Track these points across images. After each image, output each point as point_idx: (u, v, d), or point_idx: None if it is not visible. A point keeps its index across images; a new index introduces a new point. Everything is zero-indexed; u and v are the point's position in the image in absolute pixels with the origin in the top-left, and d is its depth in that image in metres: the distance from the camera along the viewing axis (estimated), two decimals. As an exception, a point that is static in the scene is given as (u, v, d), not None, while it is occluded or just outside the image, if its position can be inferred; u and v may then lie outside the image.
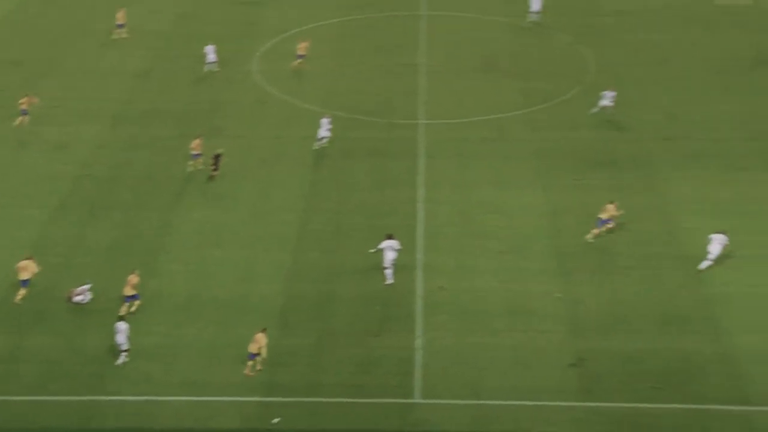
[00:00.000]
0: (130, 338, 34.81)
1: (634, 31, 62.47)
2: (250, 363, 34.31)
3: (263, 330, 34.78)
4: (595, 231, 41.21)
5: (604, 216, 41.24)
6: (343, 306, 37.86)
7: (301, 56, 57.01)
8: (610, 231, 41.33)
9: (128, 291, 37.13)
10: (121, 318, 35.31)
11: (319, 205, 44.10)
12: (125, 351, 34.74)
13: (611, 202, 41.63)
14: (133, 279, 37.28)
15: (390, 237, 39.20)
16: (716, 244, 39.25)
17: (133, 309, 36.93)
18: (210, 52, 56.28)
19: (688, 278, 38.96)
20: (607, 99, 50.75)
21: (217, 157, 45.75)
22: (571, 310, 37.45)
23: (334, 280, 39.29)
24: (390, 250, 38.84)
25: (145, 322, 36.65)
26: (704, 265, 39.14)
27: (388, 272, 38.92)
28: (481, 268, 39.89)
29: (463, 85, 55.68)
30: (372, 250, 38.99)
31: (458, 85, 55.66)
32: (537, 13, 63.43)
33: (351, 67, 57.68)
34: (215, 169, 45.57)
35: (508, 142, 49.39)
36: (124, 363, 34.65)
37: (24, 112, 50.19)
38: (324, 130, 48.05)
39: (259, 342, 34.37)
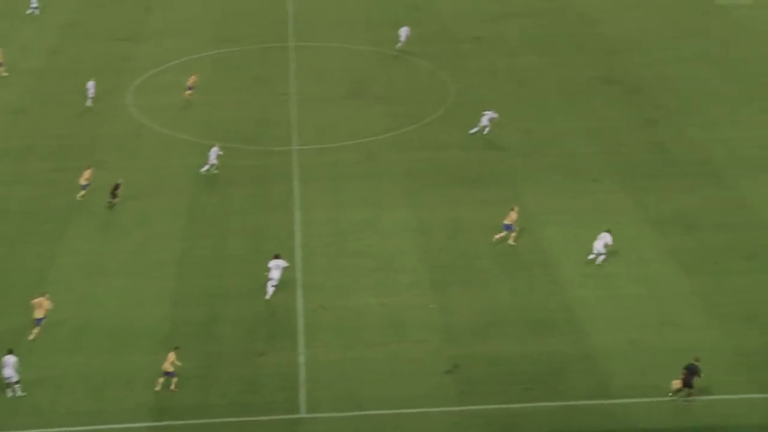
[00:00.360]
0: (18, 370, 34.02)
1: (490, 56, 64.27)
2: (162, 380, 34.13)
3: (176, 348, 34.56)
4: (501, 235, 42.49)
5: (507, 221, 42.57)
6: (228, 328, 37.85)
7: (191, 88, 56.90)
8: (503, 239, 42.55)
9: (38, 314, 36.42)
10: (10, 351, 34.48)
11: (200, 231, 43.97)
12: (16, 383, 33.93)
13: (513, 209, 42.95)
14: (44, 303, 36.57)
15: (277, 257, 39.55)
16: (600, 241, 41.08)
17: (34, 332, 36.28)
18: (91, 88, 55.76)
19: (552, 285, 40.33)
20: (486, 118, 51.88)
21: (116, 186, 45.44)
22: (444, 320, 38.31)
23: (218, 303, 39.24)
24: (276, 268, 39.11)
25: (34, 353, 35.87)
26: (591, 257, 41.20)
27: (270, 289, 39.13)
28: (357, 285, 40.45)
29: (334, 111, 56.34)
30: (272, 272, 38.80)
31: (329, 111, 56.28)
32: (403, 42, 64.69)
33: (225, 98, 57.66)
34: (115, 197, 45.15)
35: (379, 163, 50.20)
36: (17, 396, 33.81)
37: None
38: (213, 157, 48.17)
39: (171, 360, 34.20)
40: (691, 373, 33.89)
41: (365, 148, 51.91)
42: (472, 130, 52.17)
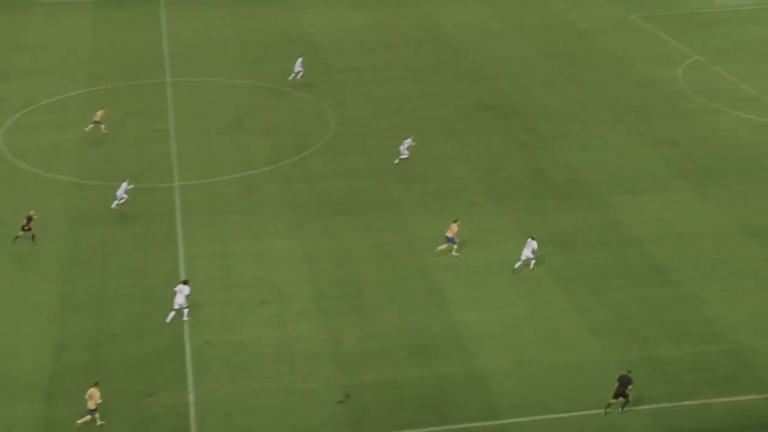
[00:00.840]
0: None
1: (368, 86, 64.80)
2: (88, 417, 33.29)
3: (95, 384, 33.66)
4: (443, 247, 43.52)
5: (449, 234, 43.49)
6: (114, 370, 36.80)
7: (96, 122, 55.38)
8: (446, 251, 43.58)
9: None
10: None
11: (82, 272, 42.76)
12: None
13: (455, 221, 43.93)
14: None
15: (185, 282, 39.48)
16: (528, 248, 42.52)
17: None
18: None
19: (437, 308, 40.64)
20: (404, 147, 52.38)
21: (29, 219, 44.38)
22: (334, 349, 38.14)
23: (103, 344, 38.15)
24: (180, 293, 38.92)
25: None
26: (518, 265, 42.64)
27: (171, 313, 38.90)
28: (245, 319, 39.95)
29: (214, 146, 55.77)
30: None
31: (209, 146, 55.69)
32: (297, 73, 64.34)
33: (103, 136, 56.38)
34: (28, 230, 44.17)
35: (261, 196, 49.87)
36: None
37: None
38: (122, 192, 47.87)
39: (94, 397, 33.29)
40: (623, 384, 34.51)
41: (247, 181, 51.51)
42: (397, 161, 52.53)
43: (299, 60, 65.50)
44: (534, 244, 42.73)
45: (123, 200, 47.91)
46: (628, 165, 53.31)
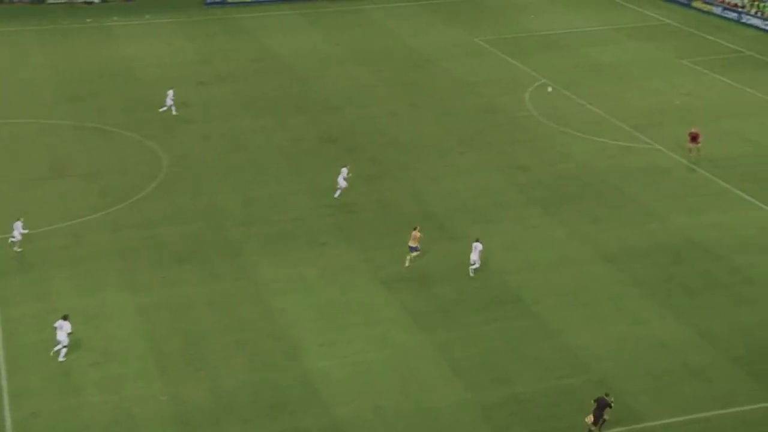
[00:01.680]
0: None
1: (202, 121, 63.92)
2: None
3: None
4: (411, 256, 45.68)
5: (412, 243, 45.50)
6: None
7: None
8: (413, 261, 45.72)
9: None
10: None
11: None
12: None
13: (415, 229, 45.87)
14: None
15: (65, 318, 38.58)
16: (475, 252, 44.69)
17: None
18: None
19: (288, 358, 39.95)
20: (341, 177, 52.31)
21: None
22: (177, 409, 36.90)
23: None
24: (60, 329, 38.47)
25: None
26: (472, 269, 45.14)
27: (62, 351, 38.47)
28: (75, 384, 38.21)
29: (32, 193, 53.64)
30: None
31: (27, 194, 53.53)
32: (168, 107, 63.30)
33: None
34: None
35: (90, 246, 48.15)
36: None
37: None
38: (17, 233, 46.76)
39: None
40: (601, 407, 35.11)
41: (73, 231, 49.68)
42: (336, 195, 52.45)
43: (170, 92, 64.09)
44: (480, 246, 45.06)
45: (16, 241, 45.70)
46: (481, 194, 54.17)
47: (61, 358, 38.98)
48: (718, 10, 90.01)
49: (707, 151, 58.57)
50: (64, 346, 38.98)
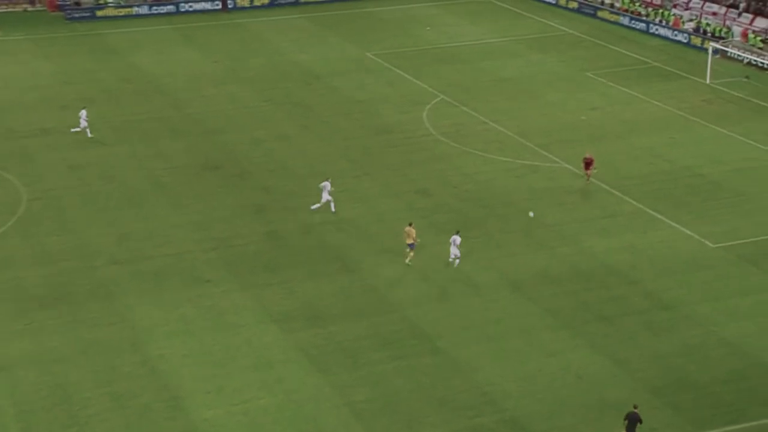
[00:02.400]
0: None
1: (65, 149, 62.69)
2: None
3: None
4: (411, 254, 48.57)
5: (409, 241, 48.36)
6: None
7: None
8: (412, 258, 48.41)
9: None
10: None
11: None
12: None
13: (410, 225, 48.95)
14: None
15: None
16: (453, 246, 48.43)
17: None
18: None
19: (172, 408, 39.14)
20: (325, 192, 53.54)
21: None
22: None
23: None
24: None
25: None
26: (452, 259, 48.44)
27: None
28: (-71, 449, 36.81)
29: None
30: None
31: None
32: (85, 125, 62.54)
33: None
34: None
35: (-59, 293, 46.61)
36: None
37: None
38: None
39: None
40: (632, 421, 36.00)
41: None
42: (313, 207, 53.72)
43: (83, 112, 63.32)
44: (458, 239, 48.27)
45: None
46: (379, 221, 54.20)
47: None
48: (625, 20, 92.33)
49: (619, 169, 59.73)
50: None
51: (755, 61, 79.32)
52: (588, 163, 58.40)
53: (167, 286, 47.52)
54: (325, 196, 54.38)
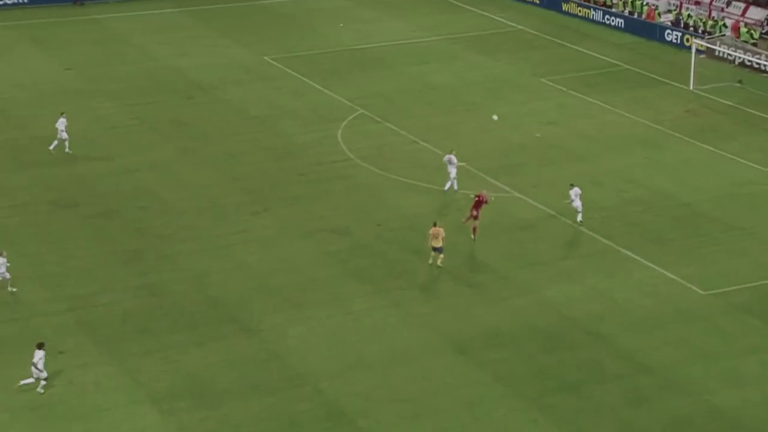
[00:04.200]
0: None
1: None
2: None
3: None
4: (441, 257, 52.50)
5: (435, 244, 52.57)
6: None
7: None
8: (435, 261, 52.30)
9: None
10: None
11: None
12: None
13: (434, 225, 52.86)
14: None
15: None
16: (451, 167, 56.75)
17: None
18: None
19: None
20: (450, 165, 59.28)
21: None
22: None
23: None
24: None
25: None
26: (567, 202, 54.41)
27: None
28: None
29: None
30: None
31: None
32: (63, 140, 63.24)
33: None
34: None
35: None
36: None
37: None
38: None
39: None
40: None
41: None
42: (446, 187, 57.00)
43: (61, 120, 64.41)
44: (577, 190, 55.79)
45: None
46: (283, 269, 54.05)
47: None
48: (588, 13, 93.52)
49: (583, 198, 60.26)
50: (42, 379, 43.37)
51: (749, 61, 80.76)
52: (477, 204, 56.39)
53: (6, 360, 46.74)
54: (453, 171, 59.99)
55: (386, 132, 70.37)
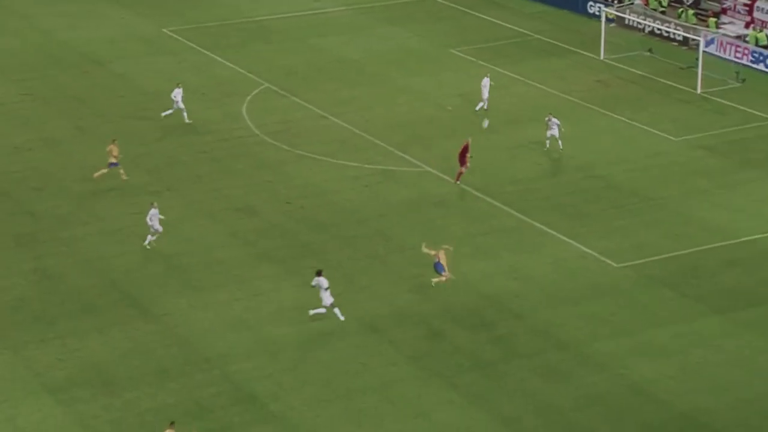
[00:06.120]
0: None
1: None
2: None
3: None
4: (442, 278, 49.50)
5: (442, 261, 49.33)
6: None
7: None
8: (440, 281, 49.59)
9: None
10: None
11: None
12: None
13: (445, 249, 49.59)
14: None
15: None
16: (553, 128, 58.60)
17: None
18: None
19: None
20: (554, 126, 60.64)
21: None
22: None
23: None
24: None
25: None
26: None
27: None
28: None
29: None
30: None
31: None
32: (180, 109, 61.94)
33: None
34: None
35: None
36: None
37: None
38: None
39: None
40: None
41: None
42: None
43: (177, 90, 65.26)
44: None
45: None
46: (187, 250, 53.79)
47: None
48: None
49: (497, 172, 60.42)
50: None
51: (659, 29, 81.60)
52: (464, 153, 58.95)
53: None
54: (555, 130, 62.58)
55: (293, 106, 70.19)
